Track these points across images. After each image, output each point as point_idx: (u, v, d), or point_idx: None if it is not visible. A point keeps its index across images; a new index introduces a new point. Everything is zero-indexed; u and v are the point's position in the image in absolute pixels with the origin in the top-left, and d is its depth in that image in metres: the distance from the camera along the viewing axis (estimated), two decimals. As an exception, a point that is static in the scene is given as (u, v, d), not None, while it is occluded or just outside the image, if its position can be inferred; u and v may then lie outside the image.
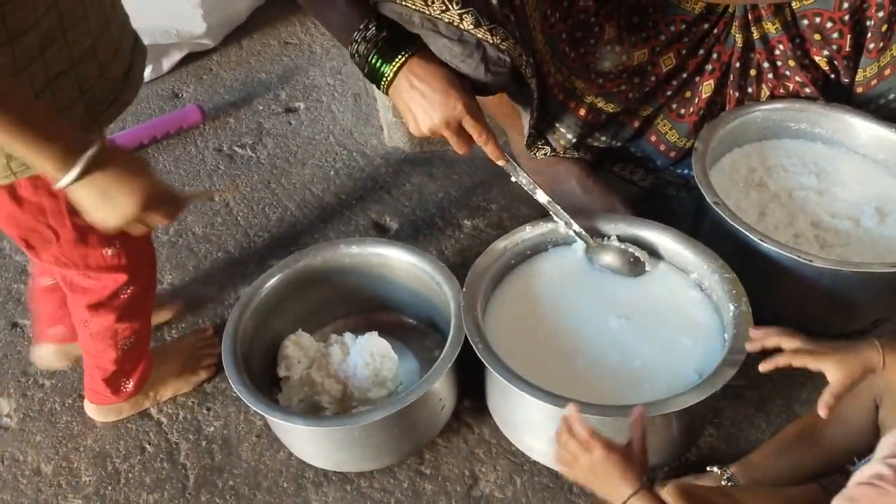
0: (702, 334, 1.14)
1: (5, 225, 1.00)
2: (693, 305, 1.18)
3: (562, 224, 1.22)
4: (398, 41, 1.09)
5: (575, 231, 1.22)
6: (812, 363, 0.93)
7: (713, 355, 1.09)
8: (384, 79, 1.10)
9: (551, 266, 1.24)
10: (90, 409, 1.26)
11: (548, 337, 1.16)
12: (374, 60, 1.09)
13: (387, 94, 1.13)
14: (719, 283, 1.13)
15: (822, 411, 0.92)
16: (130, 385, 1.22)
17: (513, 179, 1.21)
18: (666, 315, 1.17)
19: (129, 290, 1.11)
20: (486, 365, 1.06)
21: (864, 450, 0.99)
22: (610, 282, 1.22)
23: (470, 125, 1.12)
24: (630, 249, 1.21)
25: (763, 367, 0.96)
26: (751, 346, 1.01)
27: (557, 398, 1.01)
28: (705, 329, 1.14)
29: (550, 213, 1.22)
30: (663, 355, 1.12)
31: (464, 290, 1.14)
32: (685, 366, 1.11)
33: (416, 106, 1.10)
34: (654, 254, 1.23)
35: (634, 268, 1.22)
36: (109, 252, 1.05)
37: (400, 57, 1.09)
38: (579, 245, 1.25)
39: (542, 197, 1.21)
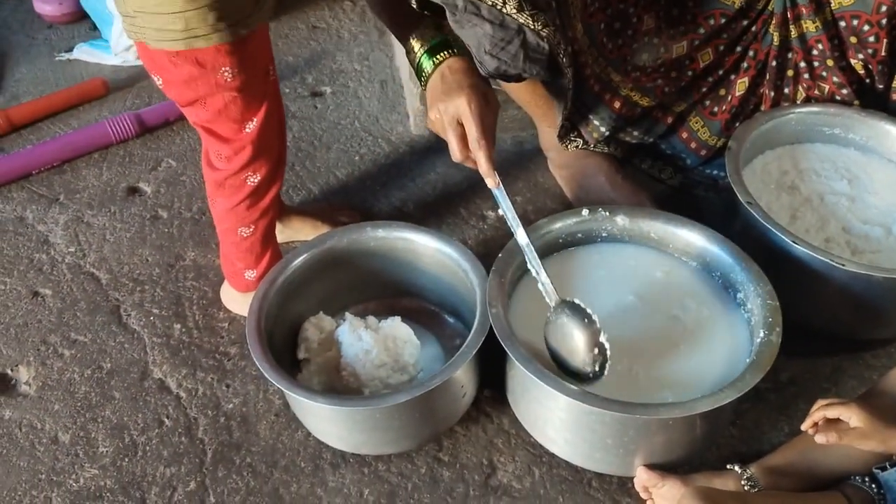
0: (732, 348, 1.12)
1: (167, 86, 1.12)
2: (730, 323, 1.15)
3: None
4: (447, 44, 1.14)
5: (542, 282, 1.12)
6: (853, 416, 0.95)
7: (739, 364, 1.08)
8: (423, 74, 1.15)
9: (579, 260, 1.23)
10: (223, 290, 1.37)
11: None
12: (421, 58, 1.16)
13: (425, 89, 1.16)
14: (761, 307, 1.10)
15: (819, 437, 0.95)
16: (254, 276, 1.29)
17: (499, 212, 1.13)
18: (700, 325, 1.16)
19: (255, 179, 1.21)
20: (510, 356, 1.06)
21: (885, 455, 0.99)
22: (641, 283, 1.20)
23: (469, 124, 1.08)
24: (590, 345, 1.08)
25: (818, 435, 0.97)
26: (806, 424, 0.99)
27: (580, 392, 1.01)
28: (736, 345, 1.13)
29: (526, 256, 1.13)
30: (690, 359, 1.11)
31: (490, 278, 1.14)
32: (711, 369, 1.10)
33: (435, 98, 1.13)
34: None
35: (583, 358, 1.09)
36: (248, 127, 1.16)
37: (441, 56, 1.13)
38: (613, 243, 1.23)
39: (522, 238, 1.12)
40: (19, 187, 1.63)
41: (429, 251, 1.25)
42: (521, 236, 1.13)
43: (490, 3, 1.07)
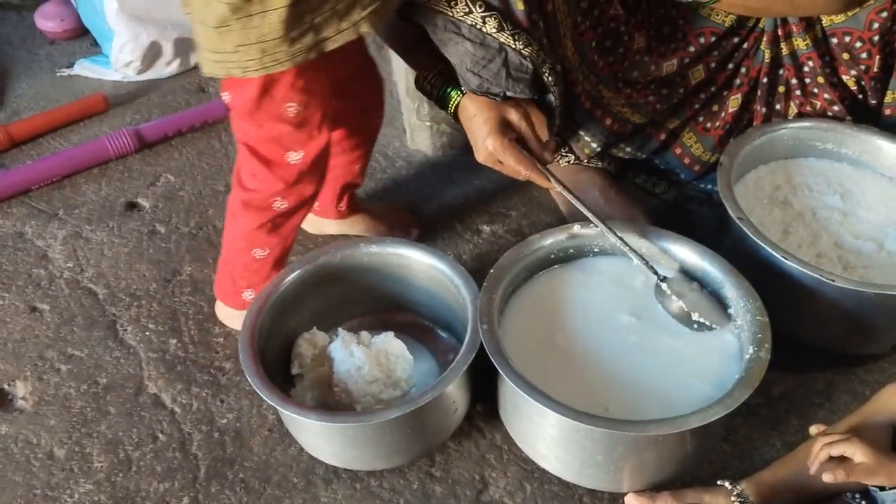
0: (722, 363, 1.12)
1: (231, 105, 1.14)
2: (720, 339, 1.15)
3: (630, 254, 1.19)
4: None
5: (647, 265, 1.17)
6: (857, 452, 0.94)
7: (729, 380, 1.07)
8: (451, 103, 1.20)
9: (571, 276, 1.24)
10: (217, 307, 1.38)
11: (564, 347, 1.15)
12: (442, 88, 1.19)
13: (456, 120, 1.22)
14: (751, 323, 1.10)
15: (827, 476, 0.94)
16: (251, 296, 1.28)
17: (576, 205, 1.18)
18: (689, 339, 1.16)
19: (282, 205, 1.21)
20: (500, 372, 1.06)
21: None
22: (634, 299, 1.21)
23: (505, 164, 1.14)
24: (694, 315, 1.15)
25: (826, 474, 0.96)
26: (814, 467, 0.98)
27: (569, 409, 1.01)
28: (726, 361, 1.13)
29: (621, 245, 1.18)
30: (680, 374, 1.12)
31: (481, 294, 1.14)
32: (701, 385, 1.10)
33: (471, 138, 1.18)
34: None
35: (690, 327, 1.16)
36: (291, 158, 1.16)
37: (457, 94, 1.19)
38: (606, 258, 1.24)
39: (611, 237, 1.18)
40: (19, 202, 1.65)
41: (422, 267, 1.25)
42: (610, 235, 1.17)
43: (470, 22, 1.08)
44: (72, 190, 1.67)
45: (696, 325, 1.15)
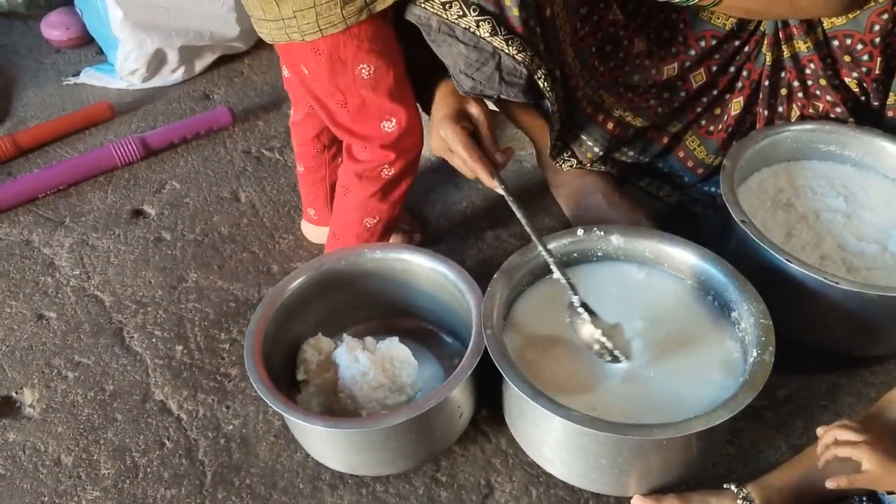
0: (726, 367, 1.13)
1: (305, 82, 1.21)
2: (724, 342, 1.16)
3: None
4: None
5: (563, 274, 1.13)
6: (864, 458, 0.94)
7: (733, 384, 1.08)
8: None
9: (576, 279, 1.23)
10: (304, 224, 1.48)
11: (568, 351, 1.16)
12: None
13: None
14: (754, 326, 1.10)
15: (830, 482, 0.95)
16: None
17: (514, 211, 1.16)
18: (695, 343, 1.16)
19: (389, 171, 1.28)
20: (504, 377, 1.06)
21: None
22: (636, 299, 1.21)
23: (456, 152, 1.16)
24: (606, 344, 1.10)
25: (829, 480, 0.96)
26: (821, 462, 0.99)
27: (573, 414, 1.01)
28: (732, 363, 1.13)
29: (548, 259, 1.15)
30: (684, 378, 1.12)
31: (485, 299, 1.14)
32: (705, 389, 1.10)
33: (432, 127, 1.20)
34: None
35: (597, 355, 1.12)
36: (386, 127, 1.22)
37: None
38: (609, 262, 1.25)
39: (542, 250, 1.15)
40: (26, 211, 1.66)
41: (426, 272, 1.26)
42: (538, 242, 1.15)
43: (464, 26, 1.09)
44: (78, 198, 1.68)
45: (605, 354, 1.11)
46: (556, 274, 1.13)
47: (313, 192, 1.48)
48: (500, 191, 1.16)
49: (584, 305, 1.11)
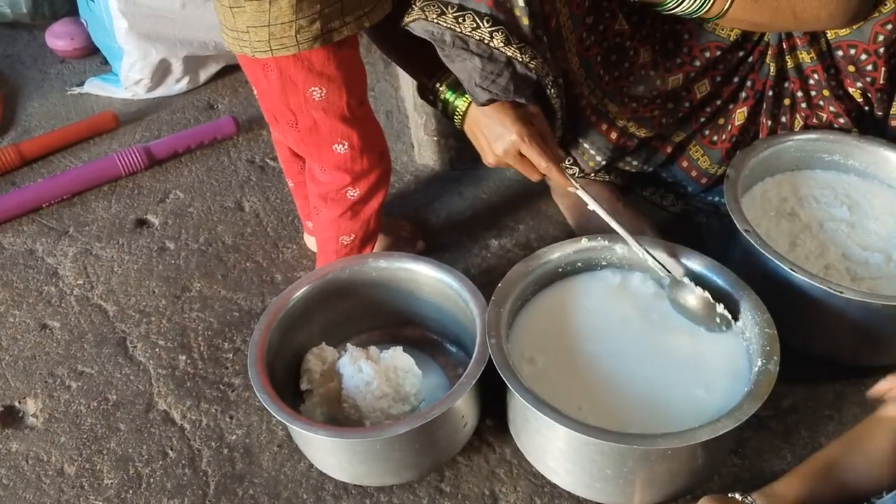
0: (731, 376, 1.12)
1: (261, 98, 1.21)
2: (730, 350, 1.15)
3: (640, 255, 1.20)
4: None
5: (660, 264, 1.19)
6: None
7: (738, 393, 1.07)
8: (458, 112, 1.23)
9: (580, 289, 1.24)
10: (306, 236, 1.47)
11: (573, 360, 1.16)
12: (450, 96, 1.22)
13: (462, 127, 1.22)
14: (759, 336, 1.10)
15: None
16: None
17: (590, 208, 1.21)
18: (701, 352, 1.16)
19: (354, 193, 1.26)
20: (509, 386, 1.06)
21: (888, 481, 0.98)
22: (643, 311, 1.21)
23: (528, 153, 1.17)
24: (718, 308, 1.14)
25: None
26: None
27: (578, 423, 1.01)
28: (735, 373, 1.13)
29: (632, 247, 1.20)
30: (689, 388, 1.11)
31: (489, 308, 1.14)
32: (712, 398, 1.10)
33: (482, 138, 1.21)
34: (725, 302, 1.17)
35: (712, 322, 1.16)
36: (338, 150, 1.20)
37: (463, 103, 1.21)
38: (613, 271, 1.25)
39: (621, 231, 1.20)
40: (30, 220, 1.66)
41: (430, 281, 1.26)
42: (619, 229, 1.19)
43: (478, 37, 1.09)
44: (82, 207, 1.69)
45: (718, 319, 1.14)
46: (650, 261, 1.18)
47: (306, 206, 1.46)
48: (576, 188, 1.20)
49: (687, 276, 1.16)
